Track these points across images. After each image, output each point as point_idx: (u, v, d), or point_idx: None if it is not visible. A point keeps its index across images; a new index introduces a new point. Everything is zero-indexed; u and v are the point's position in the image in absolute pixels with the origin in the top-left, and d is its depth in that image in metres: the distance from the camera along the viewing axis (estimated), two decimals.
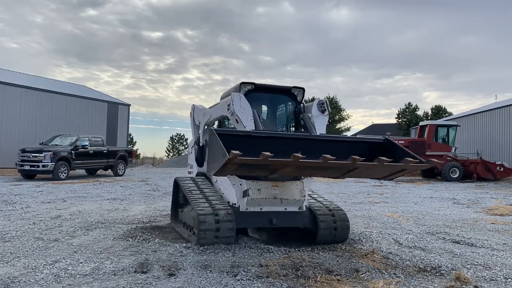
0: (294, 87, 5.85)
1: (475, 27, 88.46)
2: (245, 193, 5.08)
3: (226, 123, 6.38)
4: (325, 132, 5.43)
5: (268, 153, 3.52)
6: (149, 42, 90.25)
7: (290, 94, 5.88)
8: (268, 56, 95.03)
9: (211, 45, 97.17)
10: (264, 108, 6.33)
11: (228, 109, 5.31)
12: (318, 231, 5.31)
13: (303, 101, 5.91)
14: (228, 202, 5.35)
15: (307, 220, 5.38)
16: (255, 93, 5.79)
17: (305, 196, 5.28)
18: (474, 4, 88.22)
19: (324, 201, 5.89)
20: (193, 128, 7.21)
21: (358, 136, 5.81)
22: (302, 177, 5.23)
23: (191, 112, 7.27)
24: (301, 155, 3.58)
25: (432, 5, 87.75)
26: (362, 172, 4.43)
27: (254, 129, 5.09)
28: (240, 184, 5.14)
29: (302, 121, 5.74)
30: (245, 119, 5.15)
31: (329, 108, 5.55)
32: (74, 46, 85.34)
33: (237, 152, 3.42)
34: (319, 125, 5.43)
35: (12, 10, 77.07)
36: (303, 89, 5.85)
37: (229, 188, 5.36)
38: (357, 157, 3.71)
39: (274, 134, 5.07)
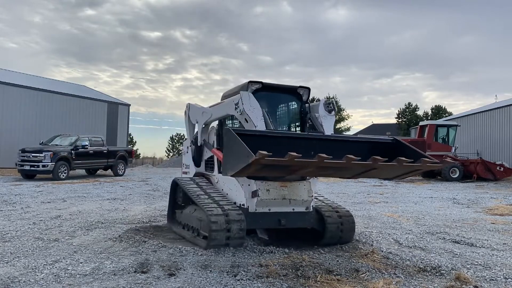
0: (301, 86, 5.78)
1: (474, 27, 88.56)
2: (255, 194, 5.02)
3: (228, 122, 6.29)
4: (333, 132, 5.44)
5: (295, 154, 3.49)
6: (147, 42, 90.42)
7: (295, 93, 5.81)
8: (267, 56, 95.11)
9: (209, 45, 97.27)
10: (269, 107, 6.15)
11: (236, 108, 5.16)
12: (326, 231, 5.32)
13: (308, 101, 5.84)
14: (235, 203, 5.29)
15: (314, 221, 5.39)
16: (262, 92, 5.67)
17: (312, 196, 5.29)
18: (473, 4, 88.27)
19: (329, 202, 5.94)
20: (189, 128, 7.11)
21: (364, 136, 5.83)
22: (308, 177, 5.21)
23: (186, 111, 7.14)
24: (326, 156, 3.59)
25: (431, 5, 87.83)
26: (377, 172, 4.45)
27: (265, 128, 4.98)
28: (249, 185, 5.06)
29: (309, 121, 5.69)
30: (256, 118, 5.01)
31: (336, 108, 5.54)
32: (73, 46, 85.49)
33: (265, 152, 3.37)
34: (327, 125, 5.42)
35: (10, 10, 77.16)
36: (308, 89, 5.79)
37: (235, 189, 5.31)
38: (378, 157, 3.77)
39: (289, 134, 5.16)
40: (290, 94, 5.85)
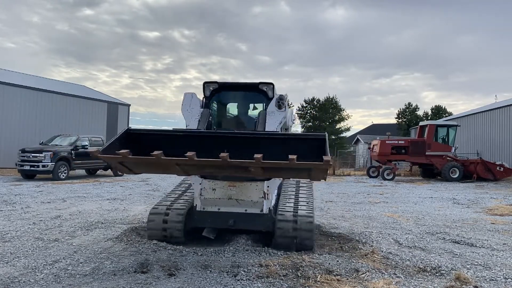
0: (262, 82, 5.53)
1: (473, 27, 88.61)
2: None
3: None
4: (276, 129, 5.06)
5: (160, 152, 3.40)
6: (146, 42, 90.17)
7: (259, 90, 5.56)
8: (266, 56, 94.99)
9: (208, 45, 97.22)
10: (239, 106, 6.21)
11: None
12: (274, 235, 4.93)
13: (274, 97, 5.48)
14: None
15: (270, 224, 5.01)
16: (223, 92, 5.76)
17: (264, 197, 4.97)
18: (472, 4, 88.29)
19: (296, 206, 5.34)
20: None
21: (294, 133, 4.97)
22: (269, 177, 4.82)
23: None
24: (193, 154, 3.36)
25: (430, 5, 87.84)
26: (277, 172, 4.01)
27: (196, 128, 5.12)
28: (200, 184, 5.11)
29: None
30: (190, 118, 5.25)
31: (287, 104, 5.14)
32: (72, 46, 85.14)
33: (127, 150, 3.43)
34: (271, 121, 5.09)
35: (8, 10, 77.03)
36: (272, 84, 5.49)
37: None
38: (259, 155, 3.32)
39: (195, 132, 4.77)
40: (255, 92, 5.64)
